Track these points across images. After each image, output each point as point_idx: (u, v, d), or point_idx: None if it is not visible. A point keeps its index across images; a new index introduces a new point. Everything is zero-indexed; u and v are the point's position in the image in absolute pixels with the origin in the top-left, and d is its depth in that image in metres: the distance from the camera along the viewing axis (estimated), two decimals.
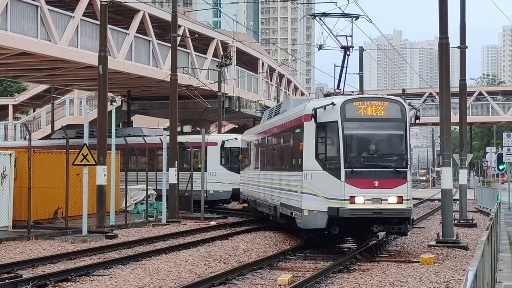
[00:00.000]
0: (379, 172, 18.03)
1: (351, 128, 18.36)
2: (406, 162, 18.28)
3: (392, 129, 18.88)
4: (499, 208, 26.27)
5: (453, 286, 13.41)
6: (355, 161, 18.19)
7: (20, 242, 21.01)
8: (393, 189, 17.81)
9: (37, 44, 28.11)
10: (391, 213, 17.90)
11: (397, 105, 18.85)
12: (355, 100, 19.02)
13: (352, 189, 17.59)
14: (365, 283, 13.99)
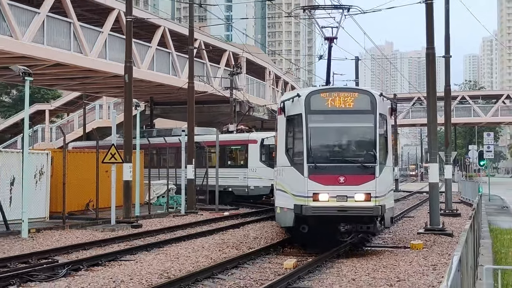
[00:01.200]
0: (345, 168, 15.04)
1: (315, 121, 15.41)
2: (375, 157, 14.94)
3: (360, 122, 15.73)
4: (480, 200, 26.22)
5: (440, 269, 13.40)
6: (319, 156, 15.29)
7: (56, 231, 21.08)
8: (360, 186, 14.84)
9: (70, 56, 28.19)
10: (357, 211, 14.83)
11: (366, 96, 15.69)
12: (321, 91, 16.15)
13: (316, 186, 14.84)
14: (362, 266, 14.01)
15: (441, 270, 13.24)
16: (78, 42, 28.71)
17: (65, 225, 22.37)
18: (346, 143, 16.14)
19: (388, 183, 15.78)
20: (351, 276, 12.69)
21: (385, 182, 15.57)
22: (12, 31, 24.72)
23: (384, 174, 15.36)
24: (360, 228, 15.24)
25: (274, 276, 12.77)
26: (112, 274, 13.05)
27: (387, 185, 15.70)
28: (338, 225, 15.06)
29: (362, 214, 14.92)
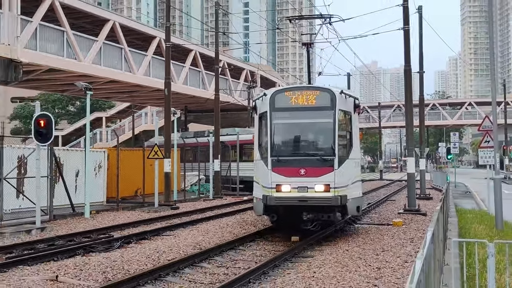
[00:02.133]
0: (306, 161, 13.30)
1: (279, 118, 13.79)
2: (333, 150, 13.13)
3: (320, 118, 13.79)
4: (448, 186, 26.14)
5: (416, 242, 13.36)
6: (282, 150, 13.75)
7: (111, 212, 21.23)
8: (319, 177, 13.04)
9: (122, 74, 28.37)
10: (316, 201, 13.09)
11: (327, 93, 13.75)
12: (285, 90, 14.50)
13: (279, 178, 13.21)
14: (353, 239, 14.00)
15: (417, 243, 13.20)
16: (128, 63, 28.89)
17: (119, 207, 22.54)
18: (307, 137, 14.15)
19: (351, 175, 13.61)
20: (344, 248, 12.69)
21: (347, 174, 13.42)
22: (76, 55, 24.91)
23: (346, 167, 13.33)
24: (322, 217, 13.39)
25: (283, 247, 12.81)
26: (156, 246, 13.13)
27: (349, 177, 13.50)
28: (301, 214, 13.44)
29: (321, 204, 13.07)
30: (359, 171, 14.42)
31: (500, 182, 15.83)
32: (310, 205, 13.09)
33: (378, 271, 10.01)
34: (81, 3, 26.26)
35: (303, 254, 11.90)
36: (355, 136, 14.09)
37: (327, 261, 10.99)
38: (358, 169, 14.30)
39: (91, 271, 10.23)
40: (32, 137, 16.84)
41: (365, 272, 9.97)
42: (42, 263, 11.24)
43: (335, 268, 10.33)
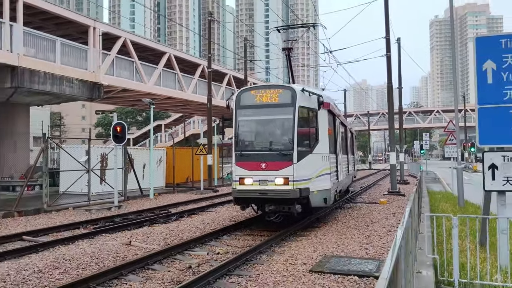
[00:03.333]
0: (266, 155, 10.92)
1: (243, 115, 11.54)
2: (293, 145, 10.69)
3: (281, 114, 11.27)
4: (421, 174, 25.78)
5: (398, 216, 13.19)
6: (246, 145, 11.39)
7: (169, 194, 21.42)
8: (279, 171, 10.71)
9: (176, 92, 28.57)
10: (276, 194, 10.68)
11: (288, 91, 11.27)
12: (251, 89, 11.75)
13: (242, 171, 11.03)
14: (350, 213, 13.87)
15: (398, 217, 13.04)
16: (180, 84, 29.06)
17: (174, 190, 22.71)
18: (269, 133, 11.52)
19: (315, 168, 11.00)
20: (343, 220, 12.59)
21: (309, 168, 10.86)
22: (142, 79, 25.19)
23: (308, 161, 10.82)
24: (282, 209, 10.94)
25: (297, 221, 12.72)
26: (202, 219, 13.20)
27: (312, 170, 10.92)
28: (265, 206, 11.37)
29: (280, 197, 10.61)
30: (327, 164, 11.44)
31: (461, 170, 15.63)
32: (270, 197, 10.66)
33: (368, 238, 9.92)
34: (146, 41, 26.54)
35: (311, 225, 11.86)
36: (322, 132, 11.39)
37: (329, 231, 10.93)
38: (326, 162, 11.37)
39: (155, 237, 10.35)
40: (111, 140, 17.10)
41: (358, 238, 9.89)
42: (119, 232, 11.41)
43: (336, 235, 10.27)
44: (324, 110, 11.64)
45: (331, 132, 12.39)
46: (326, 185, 11.37)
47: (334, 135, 13.09)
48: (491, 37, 7.46)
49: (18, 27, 17.56)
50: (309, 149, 10.95)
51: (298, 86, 11.18)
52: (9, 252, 8.83)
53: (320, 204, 11.21)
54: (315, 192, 10.88)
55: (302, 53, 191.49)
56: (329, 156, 11.70)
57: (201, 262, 8.09)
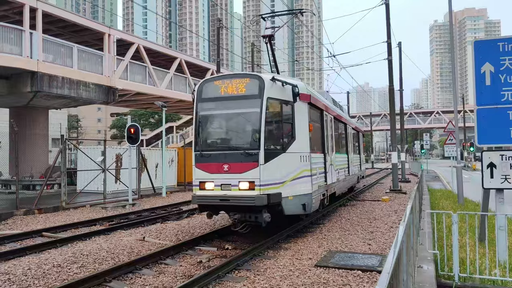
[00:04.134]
0: (229, 155, 8.85)
1: (204, 109, 9.44)
2: (259, 143, 8.62)
3: (246, 107, 9.11)
4: (422, 173, 25.64)
5: (399, 213, 13.12)
6: (207, 144, 9.30)
7: (181, 193, 21.45)
8: (243, 174, 8.66)
9: (186, 96, 28.63)
10: (238, 200, 8.58)
11: (255, 80, 9.10)
12: (215, 79, 9.53)
13: (202, 174, 9.01)
14: (354, 210, 13.81)
15: (400, 214, 12.97)
16: (190, 88, 29.10)
17: (186, 189, 22.74)
18: (233, 130, 9.34)
19: (290, 170, 8.99)
20: (346, 217, 12.54)
21: (281, 169, 8.81)
22: (154, 83, 25.30)
23: (280, 161, 8.80)
24: (249, 218, 8.79)
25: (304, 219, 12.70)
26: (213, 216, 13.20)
27: (286, 172, 8.88)
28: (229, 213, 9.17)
29: (243, 204, 8.45)
30: (307, 165, 9.50)
31: (461, 169, 15.51)
32: (232, 205, 8.60)
33: (371, 234, 9.88)
34: (158, 47, 26.63)
35: (316, 222, 11.84)
36: (300, 128, 9.35)
37: (334, 227, 10.90)
38: (305, 163, 9.45)
39: (167, 233, 10.39)
40: (126, 141, 17.18)
41: (362, 234, 9.86)
42: (133, 228, 11.47)
43: (340, 232, 10.24)
44: (303, 103, 9.57)
45: (315, 128, 10.50)
46: (306, 189, 9.34)
47: (322, 132, 11.21)
48: (489, 40, 7.42)
49: (37, 34, 17.72)
50: (282, 147, 8.92)
51: (267, 75, 9.11)
52: (30, 248, 8.92)
53: (297, 212, 9.15)
54: (289, 197, 8.87)
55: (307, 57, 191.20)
56: (311, 155, 9.69)
57: (211, 257, 8.11)
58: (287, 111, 9.20)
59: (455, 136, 16.65)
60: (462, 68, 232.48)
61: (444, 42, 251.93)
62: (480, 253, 7.07)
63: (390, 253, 3.17)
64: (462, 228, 9.03)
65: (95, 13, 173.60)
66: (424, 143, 41.13)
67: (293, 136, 9.22)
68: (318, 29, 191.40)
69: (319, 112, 11.16)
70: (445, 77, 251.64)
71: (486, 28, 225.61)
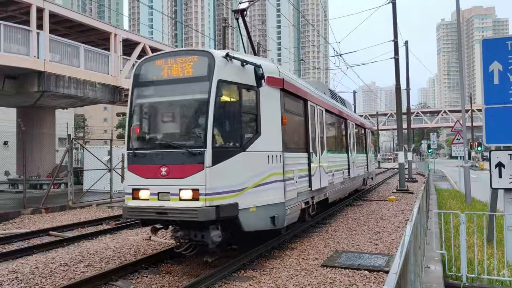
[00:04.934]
0: (168, 155, 6.71)
1: (141, 96, 7.33)
2: (205, 140, 6.47)
3: (190, 93, 6.91)
4: (429, 172, 25.53)
5: (406, 213, 13.06)
6: (141, 141, 7.20)
7: None
8: (185, 179, 6.50)
9: None
10: (178, 214, 6.42)
11: (204, 58, 6.94)
12: (156, 58, 7.31)
13: (136, 179, 6.91)
14: (360, 210, 13.78)
15: (407, 214, 12.92)
16: None
17: None
18: (174, 122, 7.21)
19: (251, 173, 6.92)
20: (353, 217, 12.51)
21: (238, 173, 6.76)
22: None
23: (237, 162, 6.72)
24: (194, 236, 6.73)
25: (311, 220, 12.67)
26: None
27: (246, 177, 6.84)
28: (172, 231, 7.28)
29: (183, 219, 6.40)
30: (279, 167, 7.47)
31: (468, 169, 15.41)
32: (171, 219, 6.60)
33: (378, 234, 9.84)
34: (164, 46, 26.68)
35: (322, 222, 11.82)
36: (268, 120, 7.32)
37: (340, 227, 10.87)
38: (276, 164, 7.42)
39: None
40: None
41: (368, 234, 9.82)
42: (139, 228, 11.51)
43: (346, 231, 10.21)
44: (272, 89, 7.56)
45: (293, 122, 8.57)
46: (276, 197, 7.36)
47: (306, 127, 9.25)
48: (497, 39, 7.36)
49: (44, 34, 17.84)
50: (240, 145, 6.86)
51: (221, 52, 7.02)
52: (37, 246, 8.98)
53: (262, 226, 7.15)
54: (251, 209, 6.87)
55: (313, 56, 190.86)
56: (285, 155, 7.72)
57: (217, 256, 8.12)
58: (249, 99, 7.16)
59: (463, 135, 16.55)
60: (470, 67, 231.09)
61: (451, 40, 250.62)
62: (488, 254, 7.02)
63: (398, 253, 3.16)
64: (470, 228, 8.97)
65: (101, 13, 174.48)
66: (431, 143, 40.96)
67: (258, 131, 7.15)
68: (324, 28, 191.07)
69: (301, 103, 9.10)
70: (452, 76, 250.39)
71: (494, 26, 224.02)
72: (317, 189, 9.77)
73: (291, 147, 8.21)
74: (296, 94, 8.69)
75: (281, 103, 7.74)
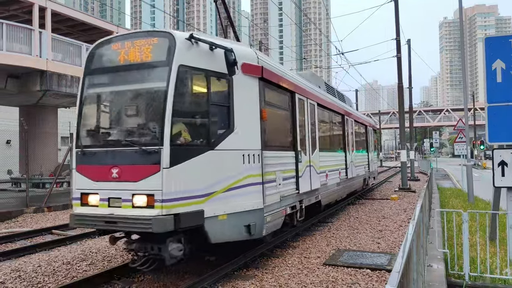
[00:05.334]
0: (120, 154, 5.57)
1: (92, 85, 6.24)
2: (162, 135, 5.34)
3: (147, 81, 5.74)
4: (431, 171, 25.49)
5: (408, 212, 13.05)
6: (90, 137, 6.13)
7: None
8: (138, 183, 5.39)
9: None
10: (129, 224, 5.30)
11: (164, 39, 5.73)
12: (113, 41, 6.13)
13: (84, 182, 5.84)
14: (362, 209, 13.77)
15: (409, 212, 12.91)
16: None
17: None
18: (128, 116, 6.06)
19: (221, 175, 5.99)
20: (355, 215, 12.51)
21: (203, 176, 5.77)
22: None
23: (203, 163, 5.76)
24: (151, 250, 5.67)
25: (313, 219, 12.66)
26: None
27: (214, 179, 5.90)
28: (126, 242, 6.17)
29: (135, 230, 5.54)
30: (257, 168, 6.51)
31: (471, 167, 15.37)
32: (122, 229, 5.71)
33: (380, 233, 9.83)
34: None
35: (325, 221, 11.80)
36: (243, 113, 6.35)
37: (342, 226, 10.87)
38: (255, 165, 6.47)
39: None
40: None
41: (371, 233, 9.82)
42: None
43: (348, 230, 10.21)
44: (249, 78, 6.59)
45: (277, 116, 7.68)
46: (253, 202, 6.45)
47: (293, 122, 8.27)
48: (500, 37, 7.33)
49: (46, 33, 17.87)
50: (207, 142, 5.87)
51: (184, 33, 5.94)
52: (40, 245, 9.01)
53: (235, 237, 6.25)
54: (220, 216, 5.94)
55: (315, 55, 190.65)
56: (267, 154, 6.84)
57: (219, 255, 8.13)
58: (220, 89, 6.17)
59: (465, 134, 16.51)
60: (472, 65, 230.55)
61: (454, 39, 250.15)
62: (491, 252, 7.01)
63: (400, 252, 3.16)
64: (473, 227, 8.95)
65: (103, 12, 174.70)
66: (434, 141, 40.92)
67: (230, 126, 6.18)
68: (326, 26, 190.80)
69: (287, 95, 8.12)
70: (454, 74, 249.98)
71: (497, 24, 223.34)
72: (307, 191, 8.76)
73: (273, 145, 7.27)
74: (281, 85, 7.68)
75: (260, 94, 6.78)
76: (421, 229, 5.50)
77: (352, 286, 6.13)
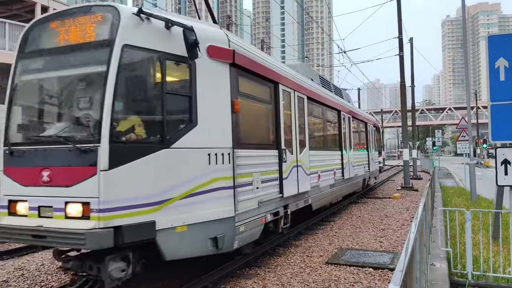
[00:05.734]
0: (52, 153, 4.38)
1: (25, 71, 5.08)
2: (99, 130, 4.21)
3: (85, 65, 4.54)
4: (434, 170, 25.47)
5: (411, 210, 13.03)
6: (20, 133, 4.97)
7: None
8: (72, 188, 4.22)
9: None
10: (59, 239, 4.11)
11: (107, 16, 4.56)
12: (50, 19, 4.92)
13: (13, 187, 4.65)
14: (364, 208, 13.75)
15: (412, 211, 12.89)
16: None
17: None
18: (62, 107, 4.89)
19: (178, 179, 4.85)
20: (357, 214, 12.49)
21: (154, 179, 4.63)
22: None
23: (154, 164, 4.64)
24: (89, 269, 4.52)
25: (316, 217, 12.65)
26: None
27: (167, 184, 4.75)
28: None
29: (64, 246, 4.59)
30: (229, 169, 5.59)
31: (473, 166, 15.34)
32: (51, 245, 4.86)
33: (383, 231, 9.83)
34: None
35: (327, 219, 11.79)
36: (208, 105, 5.34)
37: (345, 224, 10.86)
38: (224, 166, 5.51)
39: None
40: None
41: (373, 232, 9.81)
42: None
43: (351, 229, 10.20)
44: (218, 62, 5.59)
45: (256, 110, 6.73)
46: (221, 210, 5.46)
47: (276, 117, 7.23)
48: (503, 35, 7.30)
49: None
50: (161, 139, 4.86)
51: (132, 8, 4.92)
52: None
53: (197, 252, 5.27)
54: (178, 228, 4.94)
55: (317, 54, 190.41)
56: (241, 153, 5.90)
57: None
58: (178, 75, 5.19)
59: (468, 132, 16.47)
60: (475, 63, 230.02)
61: (456, 37, 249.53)
62: (493, 251, 6.99)
63: (403, 251, 3.15)
64: (475, 225, 8.93)
65: None
66: (436, 140, 40.87)
67: (192, 119, 5.17)
68: (328, 25, 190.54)
69: (268, 86, 7.08)
70: (457, 73, 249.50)
71: (500, 23, 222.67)
72: (293, 195, 7.74)
73: (249, 142, 6.25)
74: (259, 74, 6.60)
75: (231, 83, 5.76)
76: (424, 228, 5.50)
77: (355, 285, 6.13)
